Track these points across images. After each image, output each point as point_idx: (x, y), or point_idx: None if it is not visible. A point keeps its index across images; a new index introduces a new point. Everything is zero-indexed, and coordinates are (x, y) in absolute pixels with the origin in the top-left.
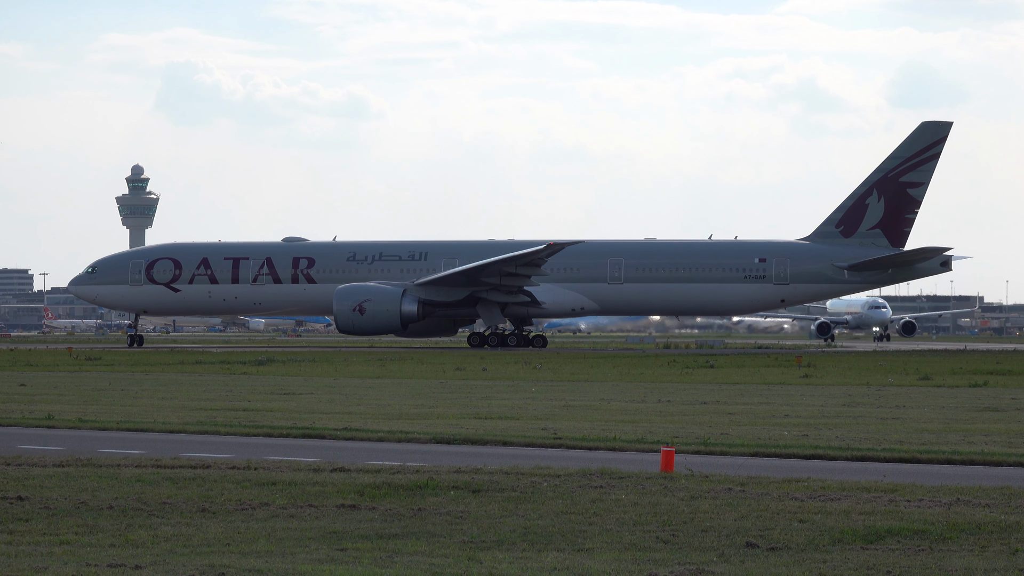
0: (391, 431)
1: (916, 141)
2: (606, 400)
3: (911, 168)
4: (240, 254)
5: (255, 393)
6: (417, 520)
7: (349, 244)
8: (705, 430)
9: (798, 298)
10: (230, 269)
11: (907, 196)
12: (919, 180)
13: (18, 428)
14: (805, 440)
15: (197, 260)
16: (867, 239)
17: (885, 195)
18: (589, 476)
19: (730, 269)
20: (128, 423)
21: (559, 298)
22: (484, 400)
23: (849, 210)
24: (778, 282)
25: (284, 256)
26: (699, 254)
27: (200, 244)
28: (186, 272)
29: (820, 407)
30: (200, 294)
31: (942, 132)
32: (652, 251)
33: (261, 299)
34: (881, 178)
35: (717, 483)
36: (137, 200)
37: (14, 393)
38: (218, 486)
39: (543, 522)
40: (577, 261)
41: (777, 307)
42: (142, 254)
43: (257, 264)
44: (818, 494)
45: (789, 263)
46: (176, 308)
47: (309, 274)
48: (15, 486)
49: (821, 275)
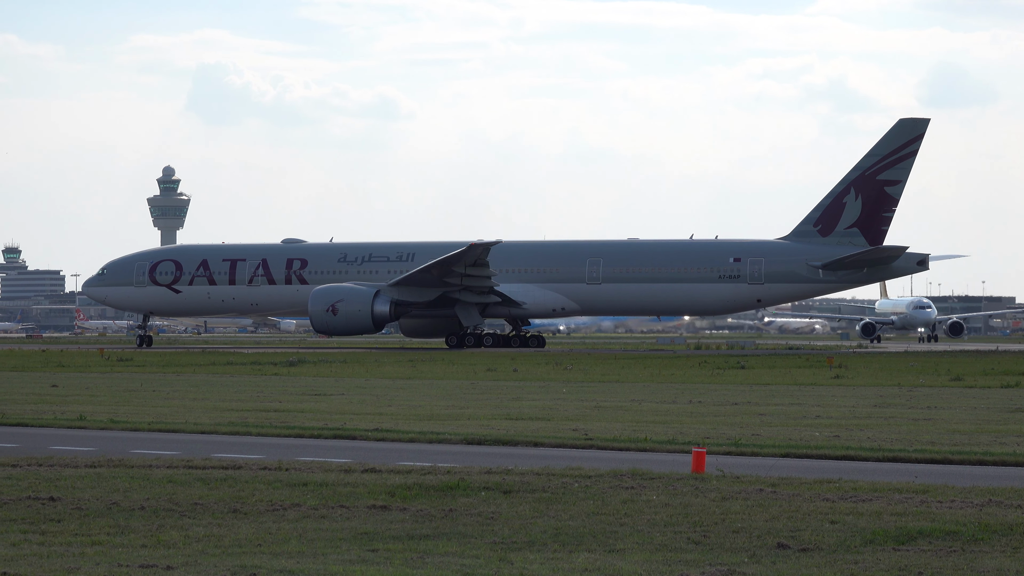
0: (422, 432)
1: (893, 139)
2: (637, 401)
3: (888, 166)
4: (237, 256)
5: (286, 394)
6: (448, 521)
7: (341, 245)
8: (736, 431)
9: (774, 298)
10: (227, 271)
11: (884, 195)
12: (896, 178)
13: (50, 429)
14: (836, 441)
15: (197, 262)
16: (844, 238)
17: (863, 193)
18: (620, 477)
19: (705, 269)
20: (160, 424)
21: (539, 298)
22: (515, 401)
23: (827, 209)
24: (752, 282)
25: (279, 258)
26: (676, 254)
27: (201, 246)
28: (186, 274)
29: (851, 408)
30: (199, 295)
31: (919, 130)
32: (630, 251)
33: (257, 300)
34: (859, 176)
35: (748, 484)
36: (168, 201)
37: (46, 394)
38: (249, 487)
39: (574, 523)
40: (556, 261)
41: (754, 307)
42: (147, 256)
43: (253, 265)
44: (849, 495)
45: (764, 263)
46: (178, 309)
47: (302, 275)
48: (47, 487)
49: (795, 274)
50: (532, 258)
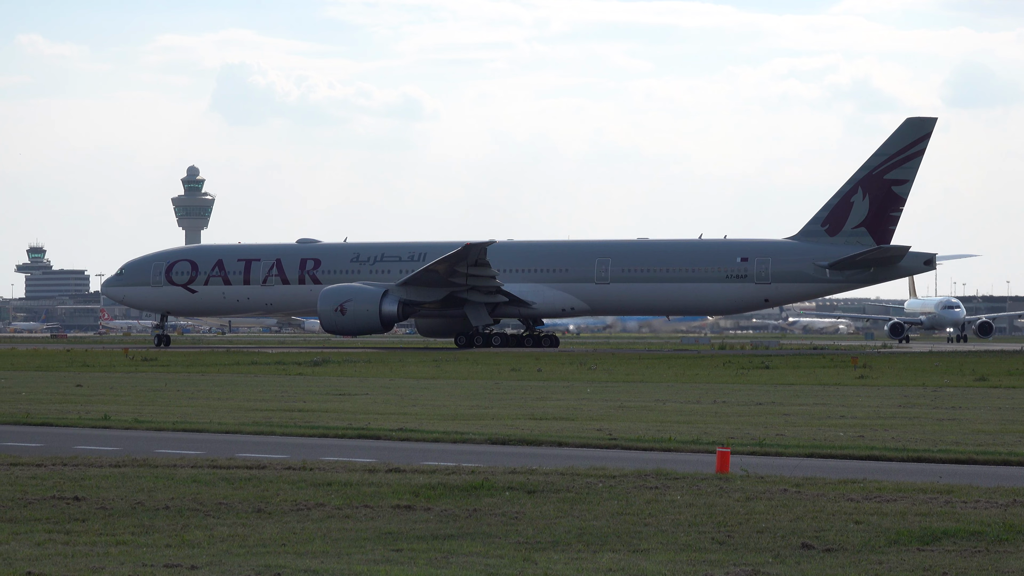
0: (446, 432)
1: (901, 138)
2: (661, 401)
3: (896, 165)
4: (252, 256)
5: (310, 394)
6: (472, 521)
7: (354, 245)
8: (760, 431)
9: (781, 297)
10: (242, 271)
11: (892, 194)
12: (904, 177)
13: (75, 428)
14: (861, 441)
15: (212, 262)
16: (852, 237)
17: (870, 193)
18: (644, 477)
19: (713, 269)
20: (184, 424)
21: (548, 298)
22: (539, 401)
23: (835, 208)
24: (759, 281)
25: (292, 258)
26: (683, 254)
27: (216, 246)
28: (202, 274)
29: (876, 408)
30: (215, 295)
31: (926, 128)
32: (638, 251)
33: (271, 299)
34: (866, 176)
35: (772, 484)
36: (193, 201)
37: (71, 394)
38: (274, 487)
39: (598, 523)
40: (566, 261)
41: (761, 307)
42: (163, 256)
43: (267, 265)
44: (874, 495)
45: (771, 262)
46: (193, 309)
47: (315, 275)
48: (72, 486)
49: (802, 274)
50: (542, 258)
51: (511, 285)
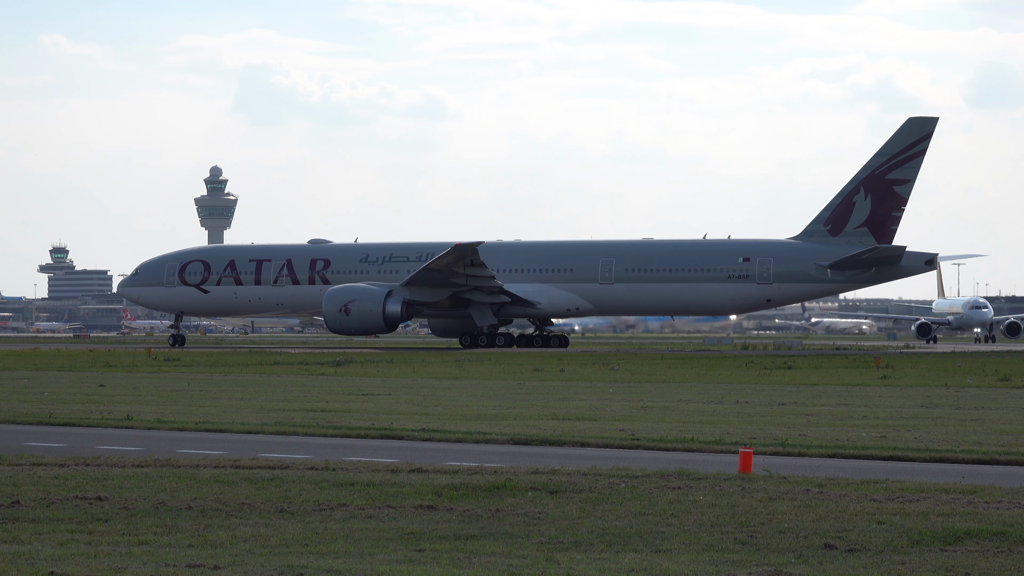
0: (469, 432)
1: (902, 138)
2: (684, 401)
3: (897, 165)
4: (263, 256)
5: (333, 394)
6: (495, 521)
7: (363, 246)
8: (783, 431)
9: (783, 298)
10: (254, 271)
11: (893, 194)
12: (905, 177)
13: (97, 429)
14: (883, 441)
15: (224, 262)
16: (854, 237)
17: (872, 193)
18: (667, 477)
19: (715, 269)
20: (207, 424)
21: (553, 298)
22: (561, 401)
23: (837, 208)
24: (761, 281)
25: (303, 258)
26: (686, 254)
27: (228, 247)
28: (214, 274)
29: (898, 408)
30: (227, 295)
31: (928, 128)
32: (642, 251)
33: (282, 299)
34: (868, 176)
35: (795, 484)
36: (216, 201)
37: (93, 394)
38: (296, 487)
39: (621, 523)
40: (571, 261)
41: (764, 307)
42: (177, 257)
43: (278, 266)
44: (896, 495)
45: (772, 262)
46: (206, 309)
47: (324, 275)
48: (94, 486)
49: (804, 274)
50: (547, 258)
51: (516, 285)
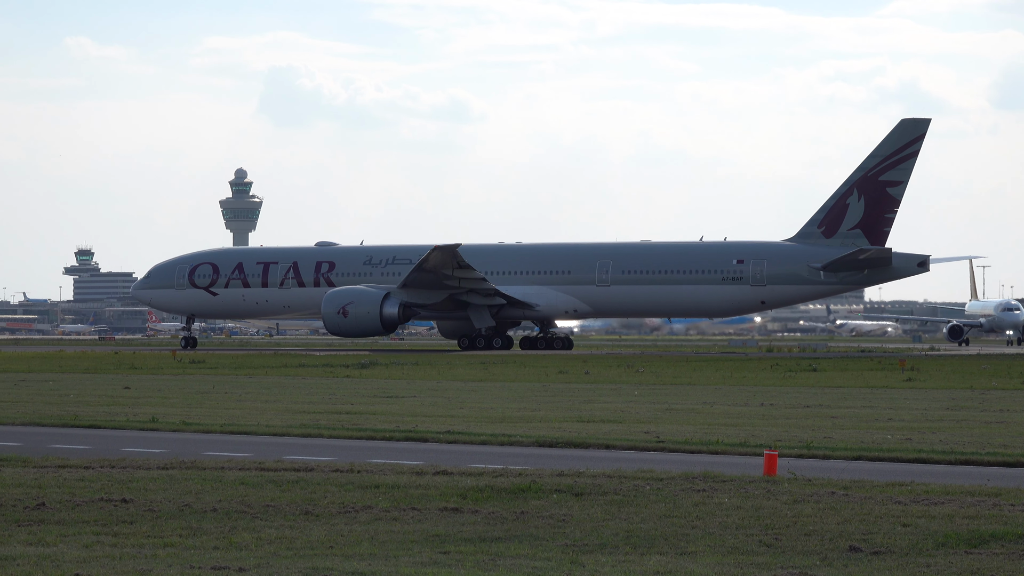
0: (494, 434)
1: (895, 139)
2: (709, 404)
3: (890, 167)
4: (270, 259)
5: (358, 396)
6: (520, 523)
7: (367, 248)
8: (808, 434)
9: (777, 299)
10: (260, 273)
11: (886, 195)
12: (898, 179)
13: (123, 431)
14: (908, 444)
15: (233, 265)
16: (848, 239)
17: (865, 195)
18: (692, 480)
19: (709, 271)
20: (231, 426)
21: (552, 300)
22: (586, 403)
23: (831, 210)
24: (755, 283)
25: (308, 260)
26: (682, 256)
27: (237, 249)
28: (222, 276)
29: (923, 411)
30: (235, 297)
31: (920, 130)
32: (638, 253)
33: (289, 302)
34: (861, 177)
35: (820, 487)
36: (240, 203)
37: (119, 396)
38: (321, 489)
39: (646, 525)
40: (568, 264)
41: (758, 309)
42: (188, 259)
43: (284, 268)
44: (921, 498)
45: (766, 264)
46: (215, 311)
47: (329, 277)
48: (120, 488)
49: (797, 276)
50: (545, 260)
51: (515, 287)
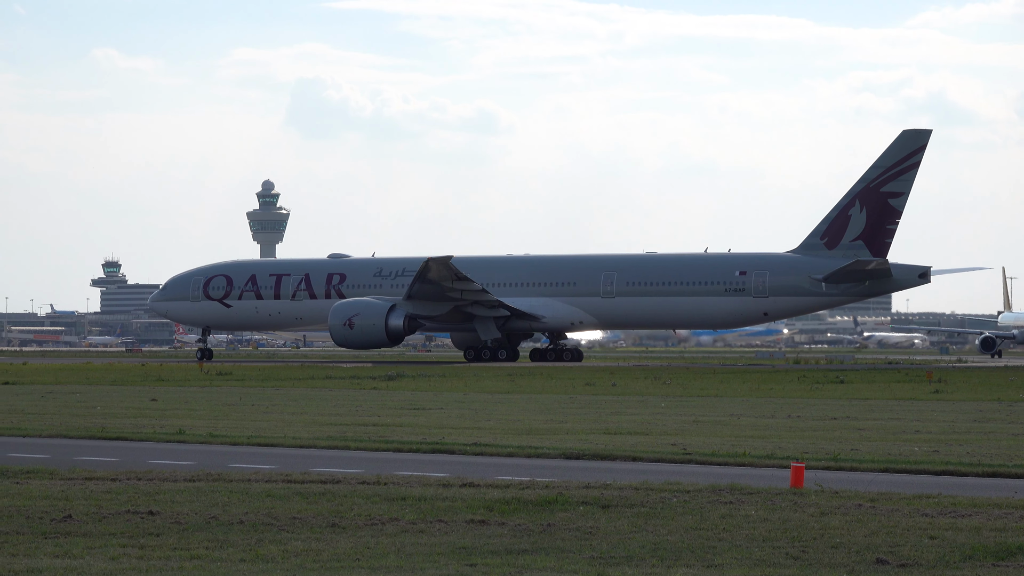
0: (520, 446)
1: (897, 150)
2: (736, 415)
3: (892, 178)
4: (283, 271)
5: (385, 408)
6: (546, 536)
7: (378, 260)
8: (835, 446)
9: (779, 311)
10: (273, 285)
11: (888, 207)
12: (899, 190)
13: (150, 443)
14: (936, 456)
15: (246, 277)
16: (850, 251)
17: (867, 206)
18: (719, 492)
19: (712, 283)
20: (258, 438)
21: (557, 312)
22: (613, 415)
23: (833, 221)
24: (757, 295)
25: (320, 272)
26: (685, 268)
27: (251, 261)
28: (236, 288)
29: (951, 423)
30: (248, 309)
31: (922, 140)
32: (643, 265)
33: (301, 314)
34: (863, 188)
35: (847, 499)
36: (268, 215)
37: (146, 408)
38: (348, 501)
39: (673, 538)
40: (574, 275)
41: (761, 320)
42: (203, 272)
43: (296, 280)
44: (949, 510)
45: (768, 276)
46: (229, 323)
47: (340, 289)
48: (146, 501)
49: (799, 288)
50: (551, 272)
51: (521, 299)
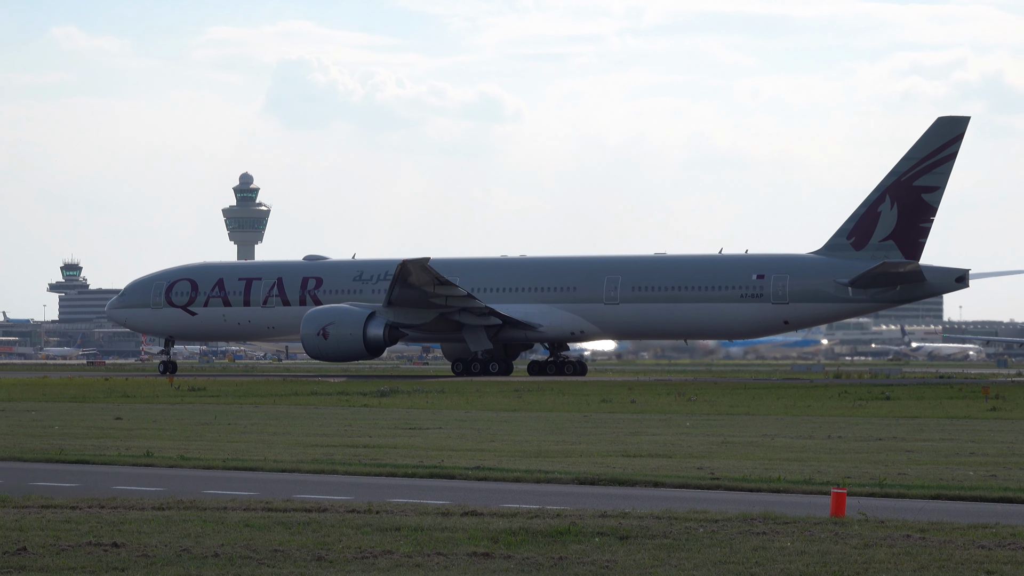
0: (528, 471)
1: (931, 140)
2: (769, 436)
3: (926, 171)
4: (253, 274)
5: (377, 428)
6: (558, 570)
7: (358, 263)
8: (880, 469)
9: (801, 319)
10: (243, 291)
11: (922, 202)
12: (934, 184)
13: (114, 467)
14: (993, 481)
15: (213, 281)
16: (879, 251)
17: (899, 202)
18: (750, 521)
19: (726, 287)
20: (235, 461)
21: (556, 320)
22: (632, 436)
23: (861, 219)
24: (776, 301)
25: (294, 276)
26: (697, 271)
27: (218, 264)
28: (201, 294)
29: (1010, 444)
30: (215, 317)
31: (959, 129)
32: (649, 268)
33: (273, 322)
34: (894, 183)
35: (894, 529)
36: (246, 212)
37: (109, 428)
38: (336, 532)
39: (699, 573)
40: (573, 279)
41: (781, 330)
42: (165, 275)
43: (268, 285)
44: (1008, 542)
45: (788, 279)
46: (194, 332)
47: (316, 295)
48: (110, 531)
49: (823, 293)
50: (548, 276)
51: (516, 306)
